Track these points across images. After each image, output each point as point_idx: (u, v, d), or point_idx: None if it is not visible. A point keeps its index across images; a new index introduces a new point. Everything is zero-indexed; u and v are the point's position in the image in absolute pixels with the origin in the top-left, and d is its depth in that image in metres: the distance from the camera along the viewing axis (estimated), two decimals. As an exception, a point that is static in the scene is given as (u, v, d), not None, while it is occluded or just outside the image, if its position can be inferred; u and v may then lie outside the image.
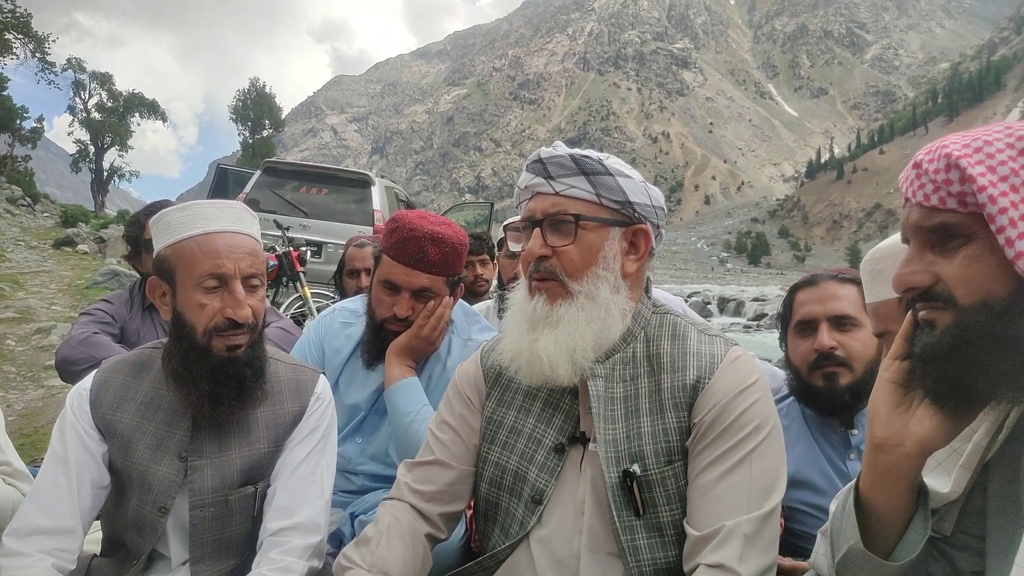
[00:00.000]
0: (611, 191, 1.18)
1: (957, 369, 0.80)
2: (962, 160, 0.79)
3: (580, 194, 1.17)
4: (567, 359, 1.15)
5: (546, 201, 1.19)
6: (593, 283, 1.17)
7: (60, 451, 1.33)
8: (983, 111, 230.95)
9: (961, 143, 0.81)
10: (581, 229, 1.17)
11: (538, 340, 1.17)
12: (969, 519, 0.92)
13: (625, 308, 1.20)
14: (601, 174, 1.17)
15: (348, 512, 1.73)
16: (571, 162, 1.18)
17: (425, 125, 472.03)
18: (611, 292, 1.18)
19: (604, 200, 1.18)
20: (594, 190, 1.17)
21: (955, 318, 0.81)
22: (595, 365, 1.19)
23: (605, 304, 1.17)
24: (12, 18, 33.46)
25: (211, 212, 1.33)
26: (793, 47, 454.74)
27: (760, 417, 1.12)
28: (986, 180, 0.77)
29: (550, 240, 1.18)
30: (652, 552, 1.12)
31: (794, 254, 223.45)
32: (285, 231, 6.15)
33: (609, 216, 1.19)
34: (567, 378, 1.16)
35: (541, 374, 1.17)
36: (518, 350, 1.20)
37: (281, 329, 2.52)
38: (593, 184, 1.17)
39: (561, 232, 1.18)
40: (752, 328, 28.08)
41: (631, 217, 1.20)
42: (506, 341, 1.25)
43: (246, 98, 54.93)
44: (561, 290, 1.18)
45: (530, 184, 1.22)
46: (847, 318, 1.57)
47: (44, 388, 5.45)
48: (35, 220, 20.81)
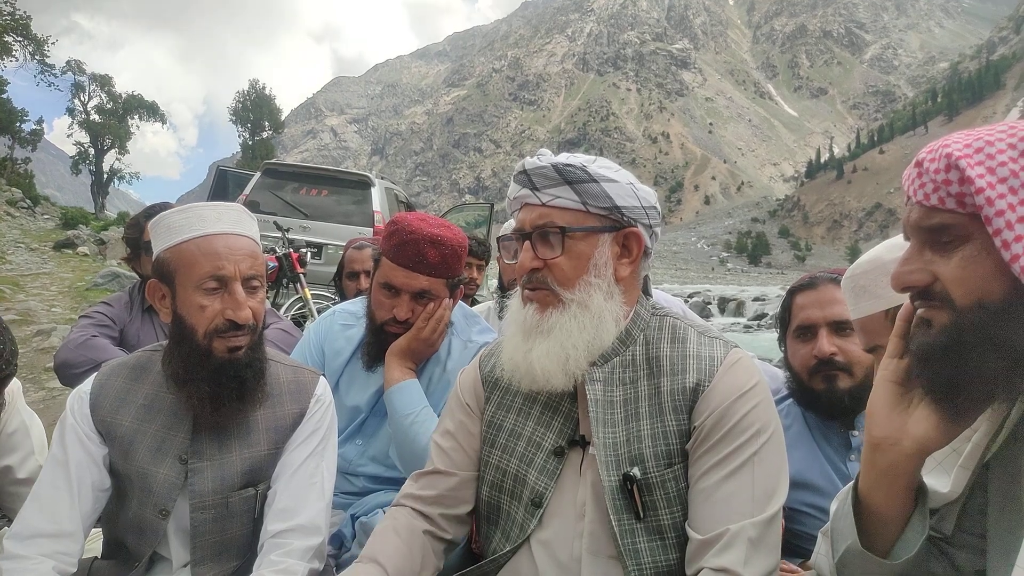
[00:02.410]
0: (597, 198, 1.17)
1: (952, 368, 0.80)
2: (962, 161, 0.79)
3: (566, 204, 1.17)
4: (560, 368, 1.16)
5: (533, 213, 1.19)
6: (586, 291, 1.17)
7: (60, 454, 1.33)
8: (983, 110, 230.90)
9: (963, 143, 0.81)
10: (569, 239, 1.17)
11: (532, 350, 1.18)
12: (970, 519, 0.92)
13: (619, 313, 1.20)
14: (585, 182, 1.16)
15: (349, 514, 1.73)
16: (554, 172, 1.17)
17: (425, 126, 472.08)
18: (604, 299, 1.18)
19: (591, 208, 1.17)
20: (579, 199, 1.16)
21: (951, 318, 0.81)
22: (593, 369, 1.20)
23: (598, 311, 1.17)
24: (11, 20, 33.48)
25: (210, 214, 1.33)
26: (792, 47, 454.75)
27: (761, 421, 1.11)
28: (984, 182, 0.77)
29: (540, 252, 1.18)
30: (653, 555, 1.12)
31: (795, 254, 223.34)
32: (285, 233, 6.15)
33: (597, 223, 1.18)
34: (562, 385, 1.18)
35: (537, 383, 1.19)
36: (515, 361, 1.22)
37: (281, 331, 2.52)
38: (578, 193, 1.16)
39: (549, 244, 1.18)
40: (752, 328, 28.07)
41: (620, 221, 1.19)
42: (504, 351, 1.26)
43: (246, 100, 55.02)
44: (553, 299, 1.19)
45: (518, 195, 1.23)
46: (847, 323, 1.56)
47: (45, 390, 5.45)
48: (35, 222, 20.82)
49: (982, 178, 0.77)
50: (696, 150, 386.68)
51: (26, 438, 1.65)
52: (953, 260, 0.81)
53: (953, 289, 0.81)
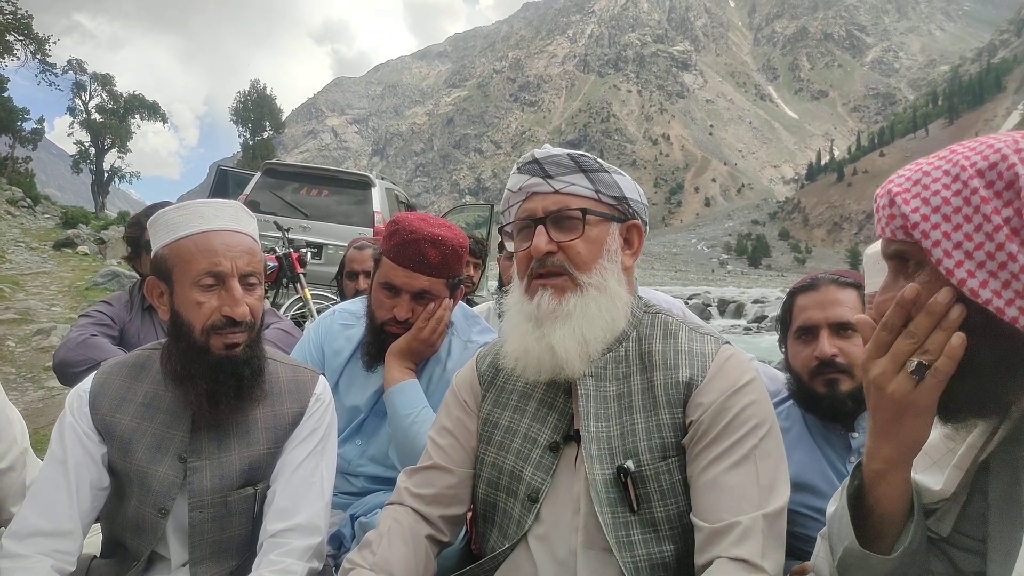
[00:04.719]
0: (609, 187, 1.22)
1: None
2: (898, 197, 0.84)
3: (580, 191, 1.21)
4: (579, 350, 1.18)
5: (547, 200, 1.22)
6: (601, 275, 1.20)
7: (59, 453, 1.33)
8: (983, 113, 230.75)
9: (905, 176, 0.86)
10: (587, 224, 1.20)
11: (551, 334, 1.18)
12: (970, 522, 0.92)
13: (629, 301, 1.24)
14: (598, 171, 1.22)
15: (348, 514, 1.73)
16: (570, 160, 1.22)
17: (425, 127, 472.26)
18: (617, 284, 1.21)
19: (603, 196, 1.22)
20: (593, 187, 1.21)
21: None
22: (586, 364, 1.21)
23: (614, 294, 1.20)
24: (13, 19, 33.51)
25: (208, 211, 1.33)
26: (793, 49, 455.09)
27: (758, 417, 1.13)
28: (919, 215, 0.81)
29: (555, 236, 1.20)
30: (647, 548, 1.13)
31: (794, 256, 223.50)
32: (285, 232, 6.15)
33: (608, 212, 1.23)
34: (579, 369, 1.19)
35: (552, 367, 1.19)
36: (525, 348, 1.22)
37: (281, 330, 2.52)
38: (592, 181, 1.21)
39: (566, 228, 1.20)
40: (752, 330, 28.08)
41: (626, 213, 1.24)
42: (509, 343, 1.26)
43: (247, 100, 55.05)
44: (570, 283, 1.20)
45: (525, 185, 1.24)
46: (848, 324, 1.56)
47: (44, 389, 5.45)
48: (36, 221, 20.81)
49: (916, 212, 0.81)
50: (696, 152, 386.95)
51: (8, 427, 1.62)
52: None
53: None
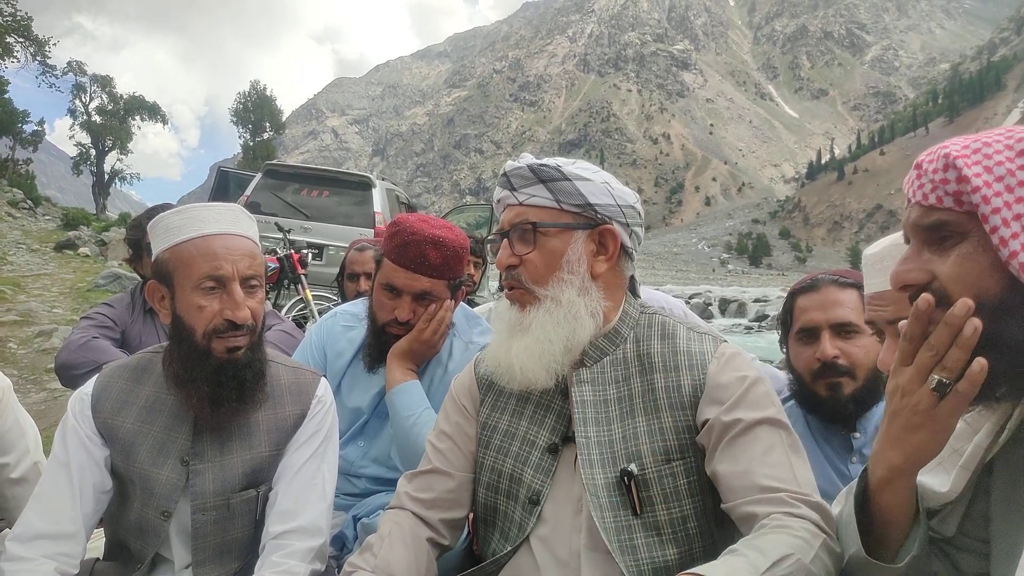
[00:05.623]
0: (569, 196, 1.21)
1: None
2: (959, 160, 0.80)
3: (541, 202, 1.22)
4: (538, 364, 1.18)
5: (511, 212, 1.25)
6: (557, 287, 1.20)
7: (62, 456, 1.33)
8: (983, 112, 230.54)
9: (961, 144, 0.83)
10: (541, 236, 1.21)
11: (513, 346, 1.21)
12: (973, 523, 0.92)
13: (597, 308, 1.22)
14: (558, 180, 1.21)
15: (350, 515, 1.73)
16: (529, 172, 1.23)
17: (426, 127, 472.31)
18: (578, 294, 1.20)
19: (564, 205, 1.21)
20: (553, 196, 1.21)
21: None
22: (581, 371, 1.23)
23: (570, 306, 1.19)
24: (13, 21, 33.52)
25: (208, 215, 1.33)
26: (793, 48, 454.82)
27: (776, 407, 1.13)
28: (981, 180, 0.79)
29: (516, 249, 1.23)
30: (650, 551, 1.12)
31: (795, 255, 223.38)
32: (286, 234, 6.15)
33: (571, 220, 1.22)
34: (543, 381, 1.19)
35: (518, 380, 1.21)
36: (498, 359, 1.24)
37: (283, 332, 2.53)
38: (551, 191, 1.21)
39: (525, 241, 1.22)
40: (754, 329, 28.07)
41: (594, 219, 1.23)
42: (489, 350, 1.29)
43: (247, 101, 55.11)
44: (529, 297, 1.23)
45: (500, 197, 1.28)
46: (849, 325, 1.56)
47: (46, 391, 5.46)
48: (36, 223, 20.82)
49: (979, 176, 0.79)
50: (697, 151, 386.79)
51: (21, 437, 1.63)
52: (950, 258, 0.82)
53: (950, 286, 0.81)
